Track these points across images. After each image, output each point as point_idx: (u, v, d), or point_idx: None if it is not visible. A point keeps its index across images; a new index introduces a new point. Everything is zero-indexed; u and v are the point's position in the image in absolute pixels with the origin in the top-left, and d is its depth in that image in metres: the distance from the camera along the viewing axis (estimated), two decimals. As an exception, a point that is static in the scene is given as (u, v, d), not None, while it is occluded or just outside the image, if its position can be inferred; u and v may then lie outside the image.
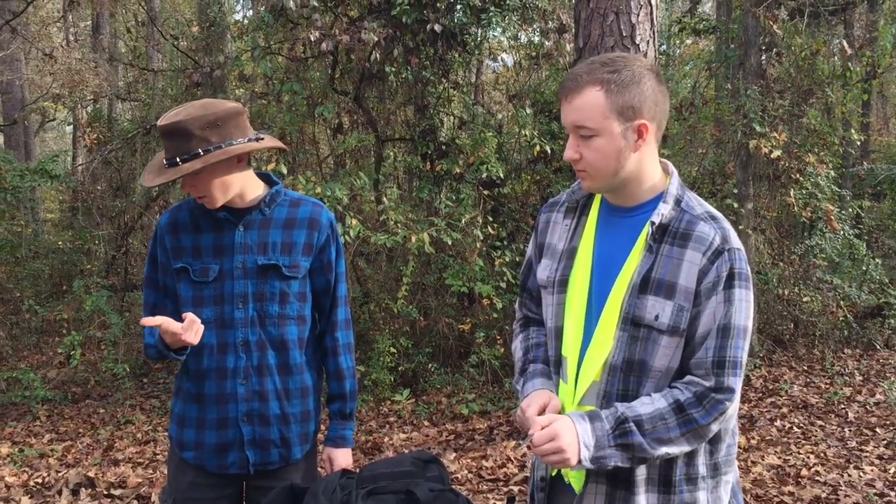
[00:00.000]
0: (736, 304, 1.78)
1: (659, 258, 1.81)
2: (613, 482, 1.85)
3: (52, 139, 23.23)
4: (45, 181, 8.81)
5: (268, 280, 2.35)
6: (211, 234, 2.37)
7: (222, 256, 2.36)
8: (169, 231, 2.40)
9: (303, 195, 2.51)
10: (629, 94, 1.78)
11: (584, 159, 1.83)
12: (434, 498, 2.06)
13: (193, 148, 2.22)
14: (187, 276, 2.37)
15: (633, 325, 1.81)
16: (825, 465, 5.49)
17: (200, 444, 2.39)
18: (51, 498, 5.04)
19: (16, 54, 13.41)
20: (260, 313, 2.35)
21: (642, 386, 1.82)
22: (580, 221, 1.99)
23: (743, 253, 1.82)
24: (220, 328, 2.35)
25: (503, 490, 5.12)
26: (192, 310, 2.33)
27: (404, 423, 6.71)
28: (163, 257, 2.42)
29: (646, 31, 4.74)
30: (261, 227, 2.38)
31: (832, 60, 10.30)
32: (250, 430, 2.37)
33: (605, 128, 1.78)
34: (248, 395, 2.35)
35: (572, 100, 1.80)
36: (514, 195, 8.13)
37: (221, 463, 2.39)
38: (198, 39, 9.84)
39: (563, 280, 1.95)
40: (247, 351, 2.35)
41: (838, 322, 8.90)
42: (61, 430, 6.77)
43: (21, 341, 9.08)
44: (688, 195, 1.89)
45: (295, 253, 2.39)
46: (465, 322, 7.54)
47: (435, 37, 7.57)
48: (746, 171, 8.77)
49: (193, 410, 2.40)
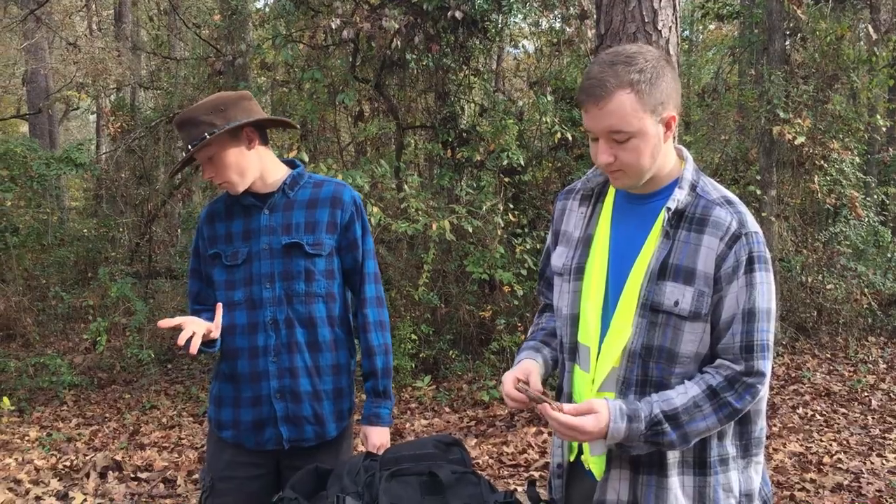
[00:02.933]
0: (758, 287, 1.77)
1: (676, 244, 1.81)
2: (637, 467, 1.85)
3: (75, 128, 23.44)
4: (70, 169, 8.92)
5: (292, 259, 2.42)
6: (241, 220, 2.47)
7: (250, 240, 2.45)
8: (206, 222, 2.54)
9: (327, 177, 2.57)
10: (658, 91, 1.77)
11: (620, 161, 1.80)
12: (456, 480, 2.09)
13: (200, 133, 2.33)
14: (220, 262, 2.48)
15: (651, 312, 1.81)
16: (847, 453, 5.47)
17: (237, 423, 2.46)
18: (79, 480, 5.13)
19: (40, 44, 13.55)
20: (287, 292, 2.42)
21: (670, 372, 1.82)
22: (596, 209, 1.99)
23: (761, 236, 1.81)
24: (251, 308, 2.43)
25: (524, 475, 5.15)
26: (224, 293, 2.46)
27: (425, 410, 6.75)
28: (202, 247, 2.55)
29: (668, 17, 4.71)
30: (284, 208, 2.46)
31: (858, 45, 10.17)
32: (283, 406, 2.42)
33: (641, 128, 1.76)
34: (279, 372, 2.42)
35: (604, 106, 1.75)
36: (534, 182, 8.11)
37: (259, 440, 2.45)
38: (219, 28, 9.88)
39: (579, 267, 1.96)
40: (276, 329, 2.42)
41: (862, 310, 8.83)
42: (88, 414, 6.88)
43: (48, 327, 9.21)
44: (703, 180, 1.89)
45: (318, 231, 2.44)
46: (486, 309, 7.55)
47: (456, 24, 7.55)
48: (770, 157, 8.70)
49: (229, 390, 2.48)
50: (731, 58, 10.93)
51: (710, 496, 1.84)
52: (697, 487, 1.84)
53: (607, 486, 1.88)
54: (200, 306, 2.55)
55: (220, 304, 2.45)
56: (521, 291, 7.06)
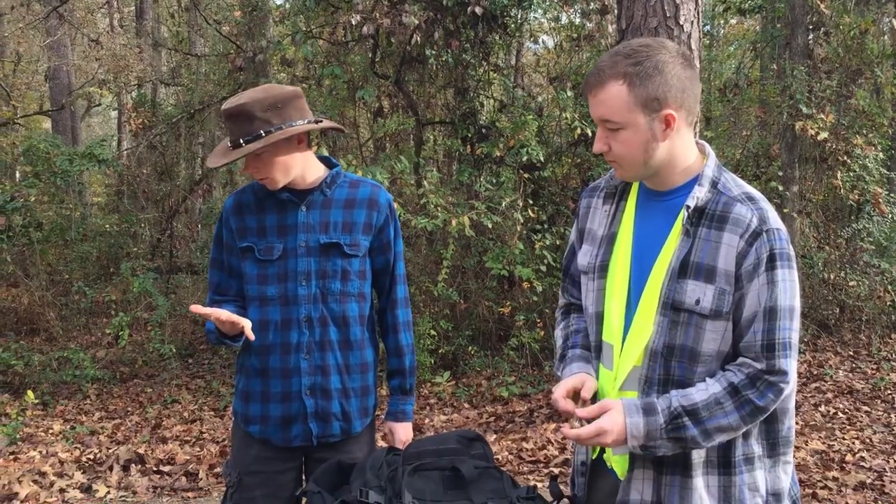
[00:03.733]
0: (780, 285, 1.76)
1: (697, 242, 1.80)
2: (660, 467, 1.85)
3: (97, 124, 23.63)
4: (93, 165, 8.99)
5: (330, 258, 2.44)
6: (275, 214, 2.46)
7: (286, 236, 2.44)
8: (234, 213, 2.50)
9: (362, 177, 2.59)
10: (652, 86, 1.76)
11: (613, 151, 1.83)
12: (478, 475, 2.09)
13: (255, 129, 2.32)
14: (252, 255, 2.46)
15: (673, 310, 1.80)
16: (870, 451, 5.42)
17: (266, 418, 2.47)
18: (102, 473, 5.19)
19: (62, 40, 13.66)
20: (322, 290, 2.44)
21: (692, 371, 1.81)
22: (619, 206, 1.98)
23: (783, 232, 1.79)
24: (284, 305, 2.43)
25: (543, 472, 5.15)
26: (256, 287, 2.45)
27: (445, 406, 6.76)
28: (228, 238, 2.52)
29: (690, 12, 4.68)
30: (322, 207, 2.46)
31: (882, 39, 10.04)
32: (313, 402, 2.44)
33: (630, 121, 1.78)
34: (311, 369, 2.44)
35: (596, 94, 1.80)
36: (554, 178, 8.09)
37: (286, 436, 2.47)
38: (240, 24, 9.92)
39: (603, 265, 1.95)
40: (310, 327, 2.43)
41: (886, 307, 8.74)
42: (111, 408, 6.94)
43: (71, 322, 9.30)
44: (725, 176, 1.87)
45: (355, 232, 2.47)
46: (505, 305, 7.55)
47: (476, 19, 7.54)
48: (792, 153, 8.63)
49: (258, 385, 2.48)
50: (752, 52, 10.83)
51: (736, 496, 1.82)
52: (722, 487, 1.83)
53: (630, 486, 1.88)
54: (221, 297, 2.55)
55: (251, 298, 2.45)
56: (540, 287, 7.05)
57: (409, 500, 2.00)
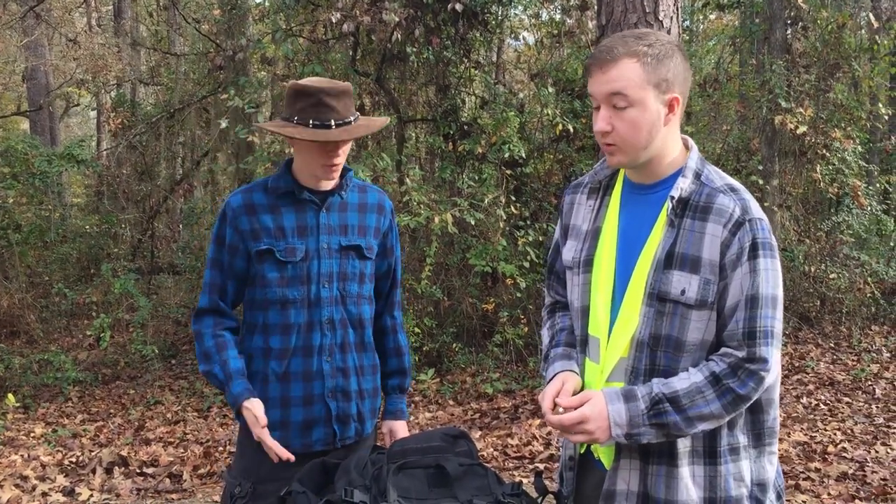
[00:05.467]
0: (762, 273, 1.78)
1: (681, 232, 1.82)
2: (647, 457, 1.86)
3: (76, 124, 23.42)
4: (71, 166, 8.94)
5: (349, 260, 2.45)
6: (293, 214, 2.42)
7: (306, 237, 2.41)
8: (245, 212, 2.41)
9: (365, 182, 2.61)
10: (664, 68, 1.80)
11: (616, 131, 1.82)
12: (463, 472, 2.09)
13: (352, 114, 2.35)
14: (272, 257, 2.39)
15: (658, 301, 1.82)
16: (852, 442, 5.48)
17: (286, 423, 2.42)
18: (85, 476, 5.15)
19: (40, 40, 13.53)
20: (342, 292, 2.44)
21: (678, 361, 1.82)
22: (603, 201, 2.00)
23: (765, 222, 1.81)
24: (308, 307, 2.41)
25: (528, 468, 5.16)
26: (277, 290, 2.39)
27: (430, 403, 6.76)
28: (234, 239, 2.41)
29: (669, 7, 4.69)
30: (340, 209, 2.46)
31: (859, 34, 10.13)
32: (336, 405, 2.44)
33: (642, 99, 1.79)
34: (333, 371, 2.43)
35: (608, 70, 1.79)
36: (536, 174, 8.10)
37: (306, 441, 2.44)
38: (219, 22, 9.87)
39: (588, 260, 1.96)
40: (332, 329, 2.43)
41: (865, 299, 8.83)
42: (93, 410, 6.89)
43: (51, 324, 9.23)
44: (707, 169, 1.89)
45: (369, 235, 2.50)
46: (489, 302, 7.56)
47: (456, 16, 7.54)
48: (772, 147, 8.69)
49: (276, 390, 2.42)
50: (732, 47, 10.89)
51: (721, 485, 1.84)
52: (708, 477, 1.84)
53: (617, 475, 1.89)
54: (225, 307, 2.45)
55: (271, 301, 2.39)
56: (523, 284, 7.06)
57: (393, 499, 2.00)
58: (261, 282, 2.41)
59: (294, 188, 2.41)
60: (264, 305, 2.41)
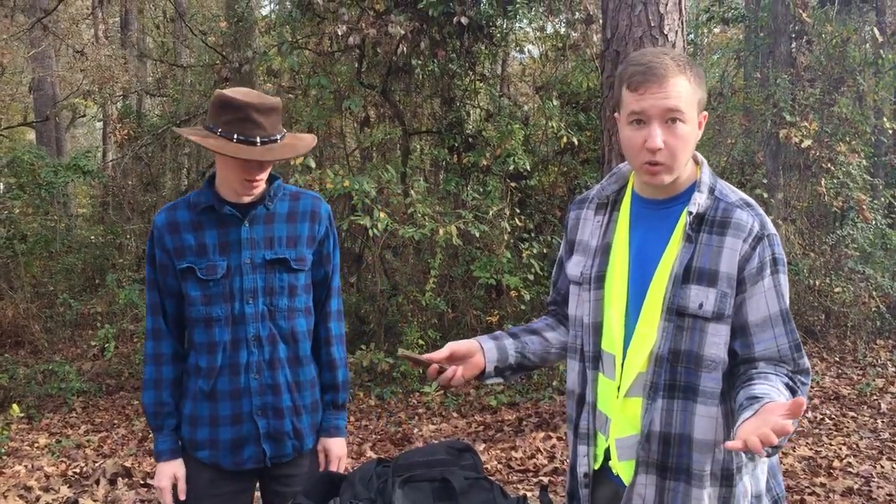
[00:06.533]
0: (783, 289, 1.83)
1: (698, 247, 1.83)
2: (664, 472, 1.86)
3: (82, 135, 23.51)
4: (77, 177, 8.96)
5: (276, 274, 2.37)
6: (214, 231, 2.35)
7: (229, 253, 2.35)
8: (168, 231, 2.35)
9: (300, 188, 2.51)
10: (703, 87, 1.86)
11: (668, 148, 1.81)
12: (469, 486, 2.09)
13: (281, 130, 2.31)
14: (194, 276, 2.34)
15: (677, 316, 1.82)
16: (857, 457, 5.45)
17: (215, 442, 2.38)
18: (89, 487, 5.14)
19: (47, 52, 13.60)
20: (270, 308, 2.37)
21: (697, 377, 1.82)
22: (612, 217, 2.00)
23: (778, 238, 1.86)
24: (231, 325, 2.35)
25: (533, 480, 5.14)
26: (201, 308, 2.34)
27: (433, 415, 6.75)
28: (163, 258, 2.37)
29: (674, 21, 4.72)
30: (265, 221, 2.38)
31: (864, 48, 10.15)
32: (265, 423, 2.38)
33: (691, 116, 1.83)
34: (262, 389, 2.36)
35: (665, 86, 1.79)
36: (541, 187, 8.12)
37: (237, 459, 2.39)
38: (225, 35, 9.92)
39: (599, 276, 1.97)
40: (259, 346, 2.36)
41: (870, 313, 8.80)
42: (97, 421, 6.89)
43: (56, 334, 9.23)
44: (720, 184, 1.91)
45: (300, 246, 2.41)
46: (493, 314, 7.56)
47: (461, 29, 7.57)
48: (776, 160, 8.70)
49: (205, 409, 2.38)
50: (736, 61, 10.93)
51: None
52: (722, 498, 1.86)
53: (633, 491, 1.89)
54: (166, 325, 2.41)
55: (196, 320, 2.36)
56: (528, 296, 7.06)
57: (399, 512, 2.00)
58: (187, 300, 2.36)
59: (215, 203, 2.34)
60: (191, 323, 2.38)
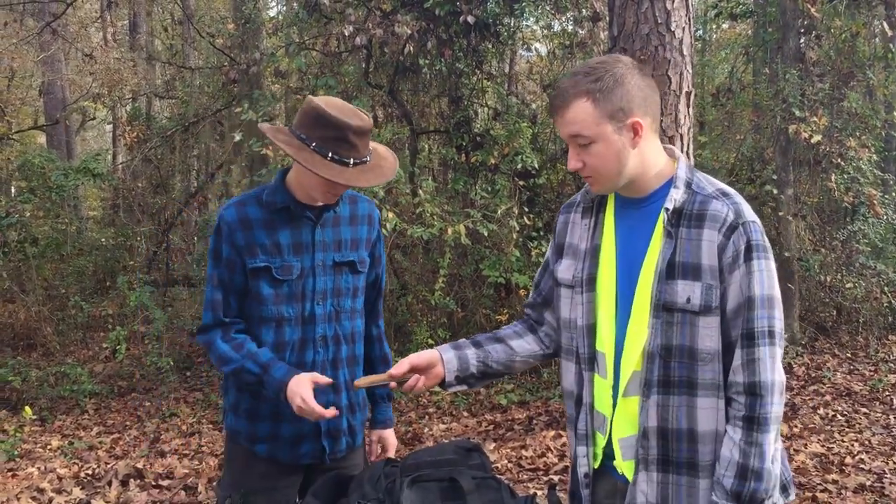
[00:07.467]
0: (756, 275, 1.81)
1: (679, 242, 1.85)
2: (667, 466, 1.88)
3: (92, 138, 23.62)
4: (88, 179, 8.99)
5: (343, 276, 2.44)
6: (288, 230, 2.38)
7: (302, 254, 2.39)
8: (241, 227, 2.35)
9: (355, 192, 2.56)
10: (615, 98, 1.84)
11: (587, 166, 1.89)
12: (477, 486, 2.09)
13: (370, 148, 2.35)
14: (269, 275, 2.36)
15: (665, 311, 1.85)
16: (870, 453, 5.42)
17: (276, 437, 2.43)
18: (101, 489, 5.17)
19: (56, 55, 13.67)
20: (336, 309, 2.44)
21: (694, 370, 1.84)
22: (598, 219, 2.03)
23: (758, 224, 1.86)
24: (301, 324, 2.40)
25: (543, 479, 5.14)
26: (272, 308, 2.37)
27: (444, 414, 6.75)
28: (231, 254, 2.36)
29: (681, 18, 4.69)
30: (333, 224, 2.45)
31: (873, 42, 10.09)
32: (326, 421, 2.42)
33: (600, 133, 1.85)
34: (325, 387, 2.40)
35: (563, 114, 1.87)
36: (549, 185, 8.11)
37: (295, 454, 2.44)
38: (233, 36, 9.94)
39: (590, 278, 2.00)
40: (325, 346, 2.43)
41: (882, 308, 8.75)
42: (109, 422, 6.92)
43: (68, 337, 9.28)
44: (697, 176, 1.94)
45: (361, 249, 2.49)
46: (503, 313, 7.55)
47: (468, 28, 7.57)
48: (786, 156, 8.65)
49: (268, 404, 2.41)
50: (745, 57, 10.88)
51: None
52: None
53: (636, 488, 1.90)
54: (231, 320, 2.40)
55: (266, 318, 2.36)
56: (537, 295, 7.03)
57: (407, 512, 2.00)
58: (256, 298, 2.38)
59: (291, 204, 2.37)
60: (259, 322, 2.39)
